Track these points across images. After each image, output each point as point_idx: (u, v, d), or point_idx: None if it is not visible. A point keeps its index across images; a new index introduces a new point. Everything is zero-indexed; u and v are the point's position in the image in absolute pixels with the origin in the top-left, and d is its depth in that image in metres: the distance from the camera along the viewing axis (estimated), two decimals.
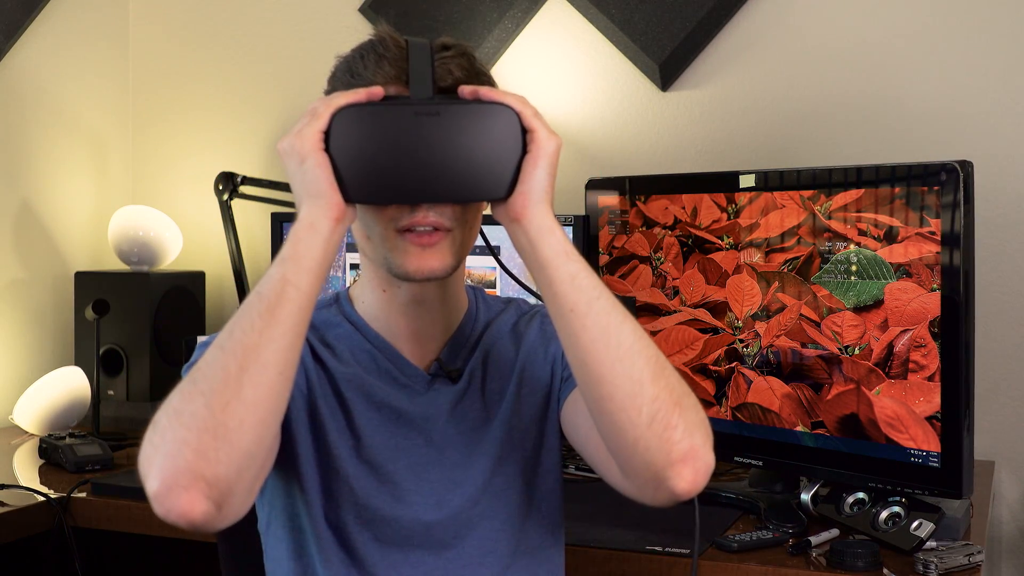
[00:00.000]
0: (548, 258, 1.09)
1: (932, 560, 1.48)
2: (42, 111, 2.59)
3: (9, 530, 1.83)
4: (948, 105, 2.17)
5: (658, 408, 1.04)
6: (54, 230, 2.63)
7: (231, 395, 0.99)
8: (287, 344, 1.02)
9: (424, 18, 2.49)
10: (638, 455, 1.05)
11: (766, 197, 1.79)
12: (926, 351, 1.59)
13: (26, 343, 2.55)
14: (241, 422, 0.98)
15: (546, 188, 1.11)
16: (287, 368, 1.03)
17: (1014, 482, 2.14)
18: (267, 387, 1.00)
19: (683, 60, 2.34)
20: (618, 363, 1.05)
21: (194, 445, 0.97)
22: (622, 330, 1.07)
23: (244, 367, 1.00)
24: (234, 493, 0.99)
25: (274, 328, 1.02)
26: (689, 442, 1.05)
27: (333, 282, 2.33)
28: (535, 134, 1.10)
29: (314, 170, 1.07)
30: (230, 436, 0.98)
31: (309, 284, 1.05)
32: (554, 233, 1.09)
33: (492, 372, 1.27)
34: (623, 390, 1.05)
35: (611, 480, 1.16)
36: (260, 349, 1.01)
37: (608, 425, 1.07)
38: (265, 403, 1.00)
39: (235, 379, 0.99)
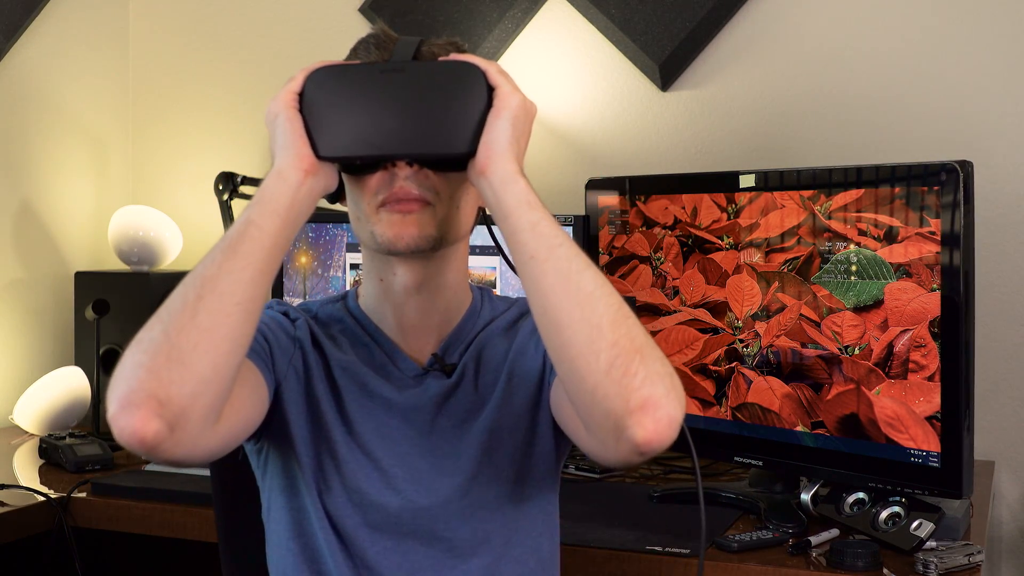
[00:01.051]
0: (510, 207, 1.10)
1: (932, 560, 1.48)
2: (42, 111, 2.58)
3: (9, 530, 1.83)
4: (948, 105, 2.17)
5: (617, 354, 1.02)
6: (54, 230, 2.63)
7: (186, 320, 1.02)
8: (247, 277, 1.05)
9: (424, 18, 2.50)
10: (597, 404, 1.03)
11: (766, 197, 1.79)
12: (926, 351, 1.59)
13: (26, 343, 2.55)
14: (195, 345, 1.01)
15: (509, 140, 1.12)
16: (245, 300, 1.05)
17: (1014, 482, 2.14)
18: (222, 314, 1.03)
19: (683, 60, 2.34)
20: (576, 308, 1.05)
21: (148, 366, 1.00)
22: (582, 276, 1.06)
23: (201, 295, 1.03)
24: (188, 417, 1.00)
25: (233, 261, 1.06)
26: (649, 390, 1.01)
27: (333, 282, 2.33)
28: (498, 90, 1.13)
29: (284, 124, 1.13)
30: (183, 358, 1.00)
31: (273, 226, 1.09)
32: (517, 182, 1.11)
33: (485, 365, 1.28)
34: (582, 335, 1.04)
35: (582, 443, 1.15)
36: (218, 279, 1.04)
37: (568, 374, 1.06)
38: (220, 329, 1.03)
39: (191, 306, 1.03)
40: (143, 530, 1.87)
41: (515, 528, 1.26)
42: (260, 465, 1.29)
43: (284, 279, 2.39)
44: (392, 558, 1.22)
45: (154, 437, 0.98)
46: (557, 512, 1.33)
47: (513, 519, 1.26)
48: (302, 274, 2.37)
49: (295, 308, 1.31)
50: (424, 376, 1.26)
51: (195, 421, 1.01)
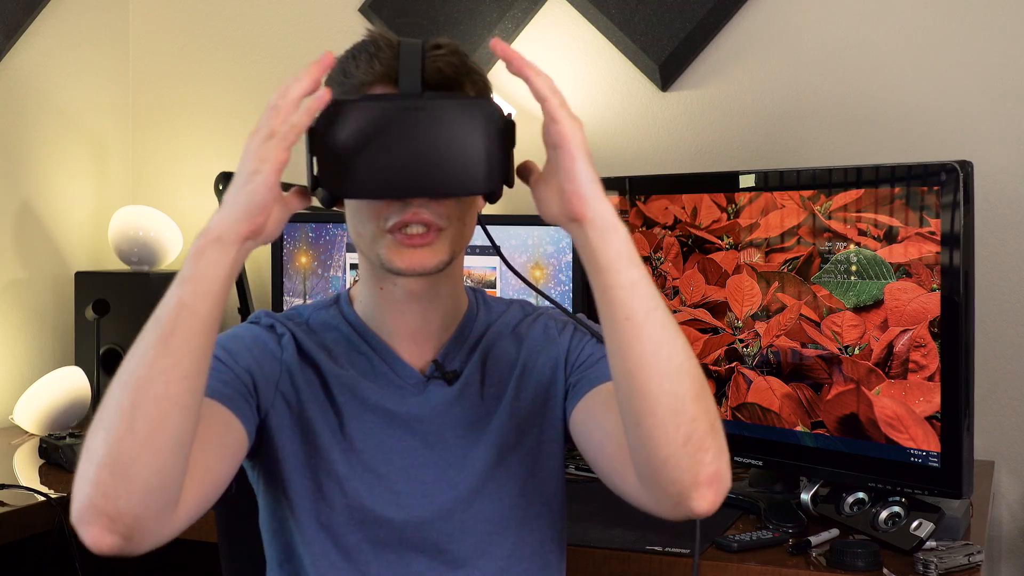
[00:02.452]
0: (610, 260, 1.04)
1: (932, 560, 1.48)
2: (42, 111, 2.58)
3: (9, 530, 1.83)
4: (948, 105, 2.17)
5: (695, 429, 1.03)
6: (54, 230, 2.63)
7: (124, 431, 0.97)
8: (181, 374, 0.98)
9: (424, 18, 2.50)
10: (667, 472, 1.04)
11: (766, 197, 1.79)
12: (926, 351, 1.59)
13: (26, 343, 2.55)
14: (136, 458, 0.96)
15: (595, 179, 1.05)
16: (183, 396, 0.99)
17: (1014, 482, 2.14)
18: (160, 420, 0.97)
19: (683, 60, 2.34)
20: (666, 379, 1.03)
21: (94, 481, 0.97)
22: (675, 346, 1.04)
23: (136, 403, 0.97)
24: (142, 524, 0.98)
25: (166, 359, 0.98)
26: (717, 465, 1.04)
27: (333, 282, 2.33)
28: (559, 125, 1.04)
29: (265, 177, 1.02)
30: (127, 472, 0.96)
31: (207, 307, 1.00)
32: (618, 231, 1.04)
33: (491, 373, 1.26)
34: (666, 407, 1.02)
35: (622, 489, 1.14)
36: (152, 382, 0.97)
37: (642, 439, 1.04)
38: (160, 435, 0.97)
39: (128, 414, 0.97)
40: None
41: (521, 542, 1.24)
42: (255, 481, 1.27)
43: (284, 279, 2.39)
44: (395, 571, 1.21)
45: (111, 548, 0.98)
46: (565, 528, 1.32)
47: (518, 534, 1.24)
48: (302, 274, 2.37)
49: (282, 321, 1.27)
50: (426, 384, 1.24)
51: (150, 523, 0.99)
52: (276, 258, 2.40)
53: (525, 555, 1.24)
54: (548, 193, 1.08)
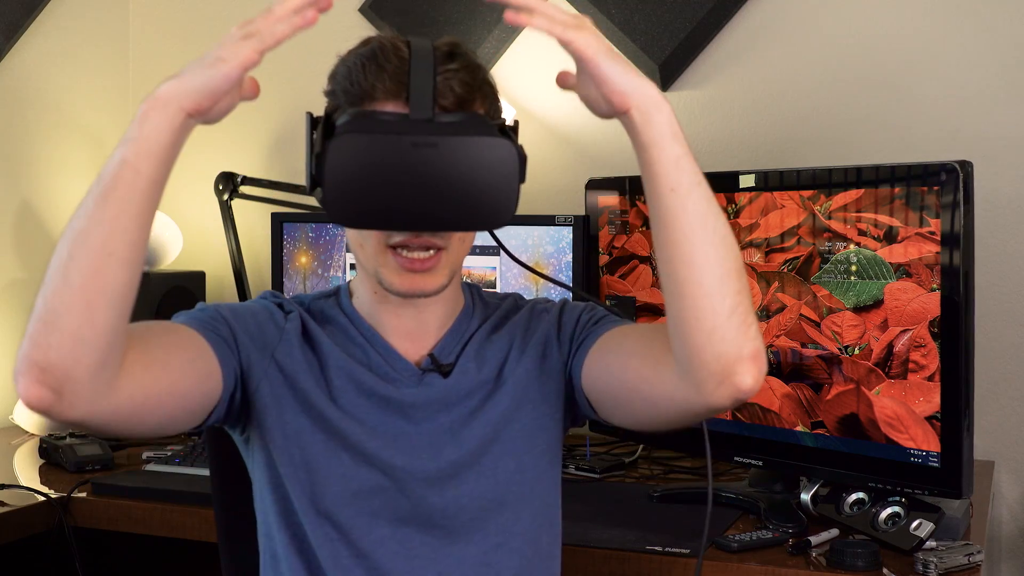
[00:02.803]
0: (653, 138, 1.07)
1: (932, 560, 1.48)
2: (42, 111, 2.59)
3: (9, 530, 1.83)
4: (948, 105, 2.17)
5: (739, 301, 1.06)
6: (54, 230, 2.62)
7: (60, 280, 0.98)
8: (120, 227, 0.99)
9: (424, 18, 2.50)
10: (712, 346, 1.06)
11: (766, 197, 1.79)
12: (926, 351, 1.59)
13: None
14: (69, 307, 0.98)
15: (626, 69, 1.06)
16: (120, 250, 0.99)
17: (1014, 482, 2.14)
18: (93, 269, 0.98)
19: (683, 60, 2.34)
20: (712, 248, 1.06)
21: (30, 333, 0.99)
22: (719, 219, 1.07)
23: (72, 252, 0.99)
24: (73, 380, 0.99)
25: (104, 210, 0.99)
26: (759, 342, 1.07)
27: (333, 282, 2.33)
28: (573, 44, 1.05)
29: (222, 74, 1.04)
30: (58, 321, 0.98)
31: (149, 169, 1.01)
32: (661, 111, 1.06)
33: (485, 360, 1.28)
34: (713, 275, 1.06)
35: (657, 390, 1.14)
36: (89, 232, 0.99)
37: (688, 311, 1.06)
38: (93, 285, 0.98)
39: (64, 264, 0.98)
40: (143, 530, 1.87)
41: (515, 518, 1.25)
42: (248, 455, 1.28)
43: (284, 279, 2.39)
44: (389, 545, 1.22)
45: (39, 402, 0.98)
46: (559, 508, 1.33)
47: (513, 510, 1.25)
48: (302, 274, 2.37)
49: (290, 301, 1.29)
50: (421, 377, 1.26)
51: (82, 382, 0.99)
52: (276, 258, 2.40)
53: (518, 531, 1.26)
54: (592, 96, 1.11)
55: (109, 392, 1.02)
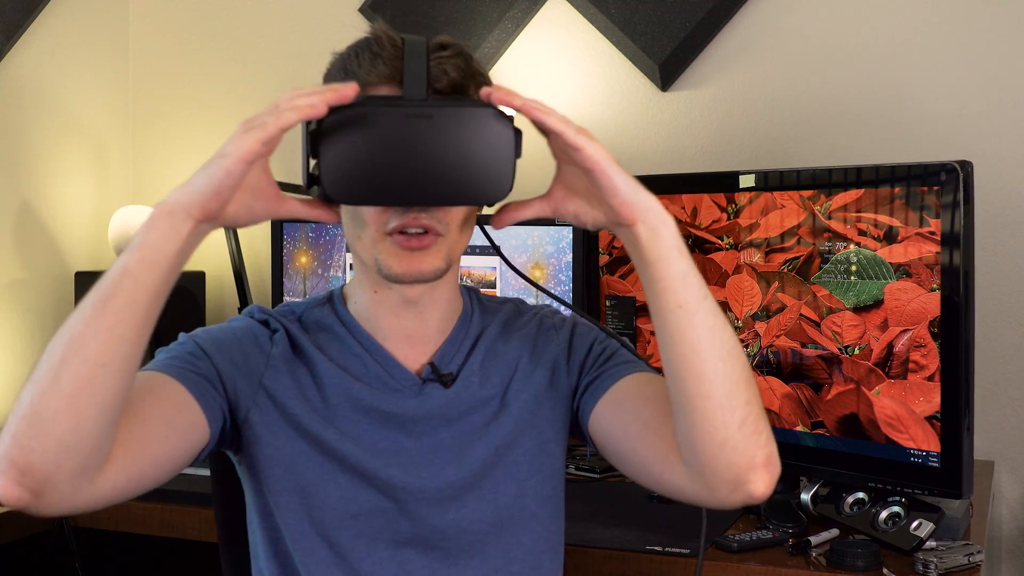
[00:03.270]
0: (660, 254, 1.07)
1: (932, 560, 1.48)
2: (42, 111, 2.58)
3: (9, 530, 1.83)
4: (948, 105, 2.17)
5: (749, 411, 1.07)
6: (54, 230, 2.62)
7: (48, 384, 0.97)
8: (114, 337, 0.98)
9: (424, 18, 2.50)
10: (724, 456, 1.07)
11: (766, 197, 1.79)
12: (926, 351, 1.59)
13: (26, 343, 2.54)
14: (55, 412, 0.96)
15: (635, 183, 1.07)
16: (113, 361, 0.98)
17: (1014, 482, 2.14)
18: (85, 379, 0.97)
19: (683, 60, 2.34)
20: (720, 362, 1.07)
21: (12, 432, 0.97)
22: (725, 331, 1.08)
23: (65, 358, 0.97)
24: (53, 483, 0.98)
25: (101, 320, 0.98)
26: (771, 448, 1.09)
27: (333, 282, 2.33)
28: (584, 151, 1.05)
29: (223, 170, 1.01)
30: (43, 425, 0.96)
31: (151, 279, 1.00)
32: (667, 226, 1.07)
33: (488, 374, 1.25)
34: (722, 389, 1.06)
35: (666, 479, 1.15)
36: (84, 339, 0.97)
37: (700, 423, 1.07)
38: (83, 394, 0.97)
39: (55, 368, 0.97)
40: (143, 530, 1.86)
41: (515, 543, 1.23)
42: (242, 477, 1.26)
43: (284, 279, 2.39)
44: (388, 568, 1.20)
45: (18, 502, 0.97)
46: (562, 532, 1.30)
47: (514, 534, 1.23)
48: (302, 274, 2.37)
49: (276, 316, 1.26)
50: (422, 387, 1.23)
51: (62, 484, 0.98)
52: (276, 258, 2.40)
53: (519, 556, 1.24)
54: (587, 207, 1.10)
55: (91, 487, 1.01)
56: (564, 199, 1.11)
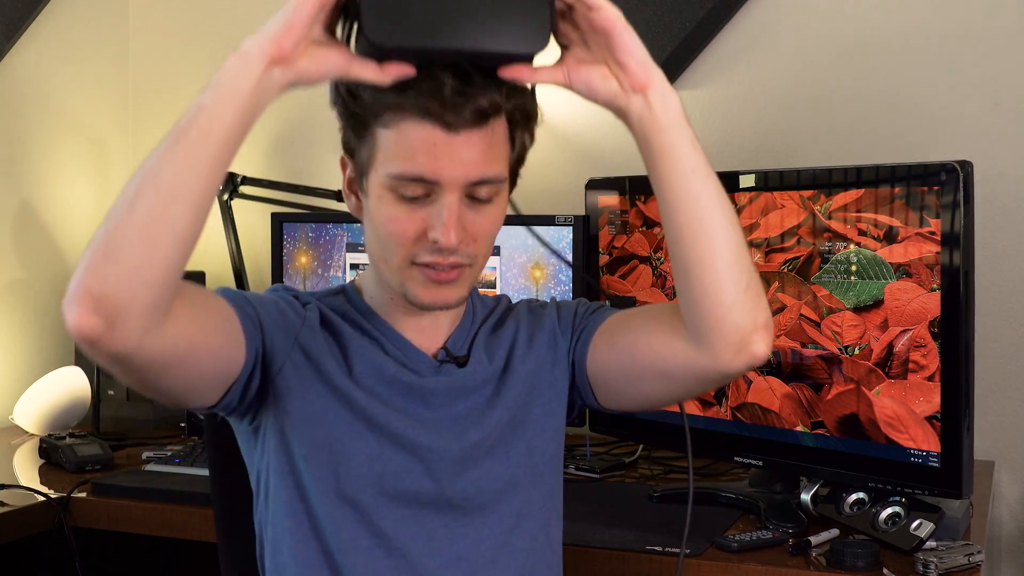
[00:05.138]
0: (672, 120, 1.13)
1: (932, 560, 1.48)
2: (42, 111, 2.59)
3: (9, 530, 1.83)
4: (948, 105, 2.17)
5: (752, 275, 1.16)
6: (54, 230, 2.63)
7: (124, 215, 0.99)
8: (187, 169, 1.00)
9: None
10: (730, 318, 1.14)
11: (766, 197, 1.79)
12: (926, 351, 1.59)
13: (26, 343, 2.55)
14: (129, 241, 0.99)
15: (645, 48, 1.12)
16: (186, 193, 1.00)
17: (1014, 482, 2.14)
18: (160, 207, 0.99)
19: (683, 60, 2.34)
20: (730, 226, 1.14)
21: (88, 263, 0.99)
22: (727, 198, 1.15)
23: (140, 189, 1.00)
24: (126, 314, 0.99)
25: (175, 152, 1.01)
26: (768, 312, 1.17)
27: (333, 282, 2.33)
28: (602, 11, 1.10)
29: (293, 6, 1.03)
30: (117, 254, 0.99)
31: (226, 116, 1.02)
32: (674, 94, 1.13)
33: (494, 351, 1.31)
34: (732, 251, 1.14)
35: (669, 362, 1.21)
36: (158, 171, 1.00)
37: (710, 285, 1.14)
38: (157, 224, 0.99)
39: (130, 200, 0.99)
40: (143, 530, 1.87)
41: (527, 501, 1.28)
42: (254, 445, 1.28)
43: (284, 279, 2.39)
44: (408, 526, 1.23)
45: (91, 331, 0.99)
46: (561, 498, 1.34)
47: (526, 494, 1.28)
48: (302, 274, 2.37)
49: (303, 294, 1.31)
50: (439, 368, 1.28)
51: (134, 318, 1.00)
52: (276, 258, 2.40)
53: (531, 512, 1.28)
54: (598, 75, 1.14)
55: (156, 333, 1.03)
56: (576, 67, 1.14)
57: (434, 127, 1.13)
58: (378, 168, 1.17)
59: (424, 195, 1.16)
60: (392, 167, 1.15)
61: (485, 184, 1.17)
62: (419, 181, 1.15)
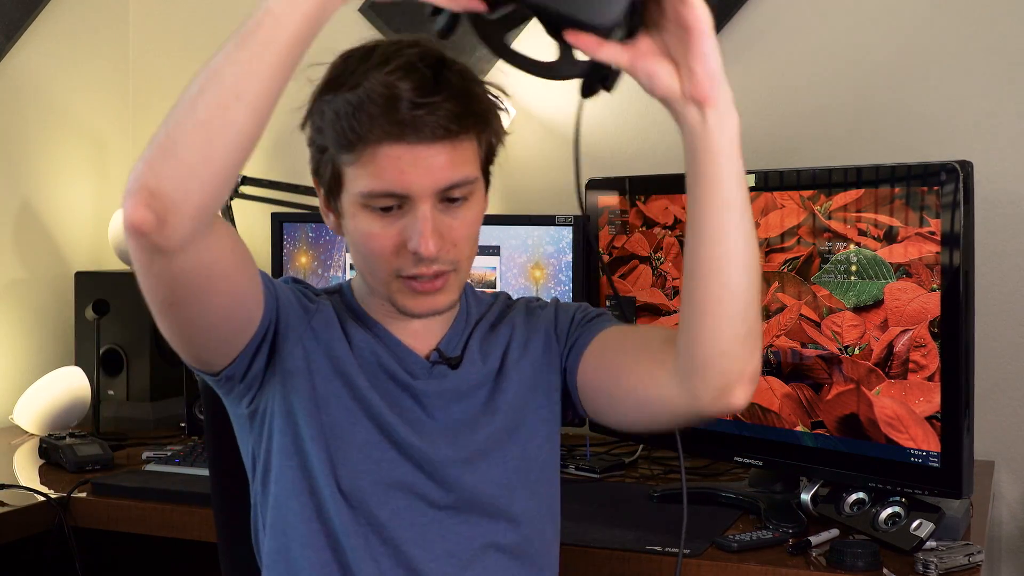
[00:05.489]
0: (723, 145, 1.05)
1: (932, 560, 1.48)
2: (42, 111, 2.58)
3: (9, 530, 1.83)
4: (948, 105, 2.17)
5: (755, 325, 1.10)
6: (54, 230, 2.63)
7: (186, 113, 0.99)
8: (250, 72, 0.99)
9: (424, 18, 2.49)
10: (720, 364, 1.10)
11: (766, 197, 1.79)
12: (926, 351, 1.59)
13: (26, 343, 2.54)
14: (190, 139, 0.99)
15: (721, 62, 1.03)
16: (248, 94, 0.99)
17: (1014, 482, 2.14)
18: (221, 107, 0.99)
19: None
20: (748, 273, 1.08)
21: (146, 158, 0.99)
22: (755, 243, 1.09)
23: (203, 88, 0.99)
24: (177, 212, 0.99)
25: (239, 53, 0.99)
26: (758, 362, 1.12)
27: (332, 282, 2.33)
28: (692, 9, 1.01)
29: None
30: (176, 150, 0.99)
31: (292, 20, 1.00)
32: (734, 117, 1.05)
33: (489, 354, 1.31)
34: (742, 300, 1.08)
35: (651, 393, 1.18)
36: (221, 71, 0.99)
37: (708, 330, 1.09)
38: (216, 122, 0.99)
39: (193, 97, 0.99)
40: (143, 530, 1.87)
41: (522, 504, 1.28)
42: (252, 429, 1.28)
43: None
44: (404, 516, 1.24)
45: (143, 224, 1.00)
46: (559, 501, 1.35)
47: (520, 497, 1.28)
48: (302, 274, 2.37)
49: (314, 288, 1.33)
50: (432, 369, 1.28)
51: (185, 217, 1.00)
52: (276, 258, 2.40)
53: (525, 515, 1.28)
54: (665, 70, 1.06)
55: (201, 240, 1.03)
56: (645, 55, 1.05)
57: (396, 145, 1.14)
58: (348, 188, 1.19)
59: (397, 206, 1.17)
60: (361, 186, 1.17)
61: (456, 187, 1.18)
62: (390, 196, 1.17)
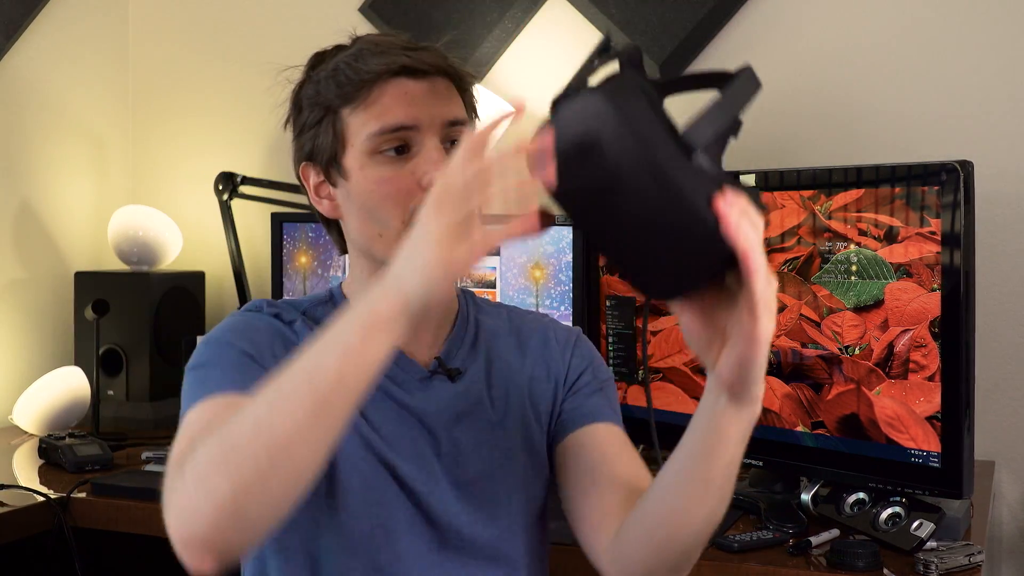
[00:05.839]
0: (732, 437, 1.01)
1: (932, 560, 1.48)
2: (42, 111, 2.58)
3: (9, 530, 1.83)
4: (948, 105, 2.17)
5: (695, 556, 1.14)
6: (54, 230, 2.63)
7: (257, 487, 0.94)
8: (327, 447, 0.96)
9: (424, 18, 2.50)
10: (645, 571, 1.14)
11: (766, 197, 1.79)
12: (926, 351, 1.59)
13: (26, 343, 2.54)
14: (263, 512, 0.96)
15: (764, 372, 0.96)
16: (323, 461, 0.97)
17: (1014, 482, 2.13)
18: (297, 482, 0.96)
19: (683, 60, 2.34)
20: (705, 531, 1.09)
21: (212, 522, 0.95)
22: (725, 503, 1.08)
23: (276, 463, 0.94)
24: (245, 550, 0.99)
25: (315, 431, 0.94)
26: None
27: (333, 282, 2.32)
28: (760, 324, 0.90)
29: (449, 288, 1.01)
30: (248, 519, 0.95)
31: (366, 385, 0.96)
32: (755, 416, 1.00)
33: (497, 380, 1.28)
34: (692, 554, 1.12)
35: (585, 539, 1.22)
36: (295, 447, 0.94)
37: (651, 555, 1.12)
38: (293, 495, 0.97)
39: (265, 473, 0.94)
40: (143, 530, 1.86)
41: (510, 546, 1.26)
42: None
43: (284, 279, 2.39)
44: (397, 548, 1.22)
45: (210, 571, 0.99)
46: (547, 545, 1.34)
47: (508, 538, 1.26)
48: (302, 274, 2.36)
49: (287, 308, 1.26)
50: (430, 379, 1.25)
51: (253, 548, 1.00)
52: (276, 258, 2.40)
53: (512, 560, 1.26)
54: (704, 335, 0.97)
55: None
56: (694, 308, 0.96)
57: (400, 79, 1.18)
58: (354, 141, 1.20)
59: (406, 147, 1.18)
60: (371, 127, 1.18)
61: (459, 124, 1.19)
62: (399, 130, 1.17)
